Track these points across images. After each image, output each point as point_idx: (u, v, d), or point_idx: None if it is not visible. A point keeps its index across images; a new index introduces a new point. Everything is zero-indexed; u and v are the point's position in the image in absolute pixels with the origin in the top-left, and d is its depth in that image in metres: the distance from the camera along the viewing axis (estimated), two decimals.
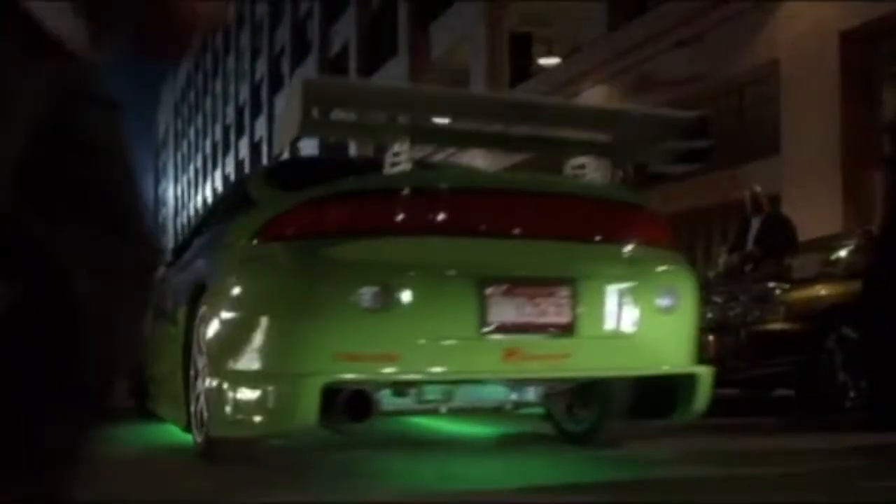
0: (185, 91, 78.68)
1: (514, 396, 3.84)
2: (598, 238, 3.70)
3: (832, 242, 7.31)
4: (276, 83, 45.69)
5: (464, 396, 3.68)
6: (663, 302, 3.66)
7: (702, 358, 4.02)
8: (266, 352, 3.34)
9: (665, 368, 3.70)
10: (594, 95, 17.29)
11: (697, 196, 15.19)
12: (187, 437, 4.00)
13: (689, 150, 4.13)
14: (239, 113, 54.60)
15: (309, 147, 34.87)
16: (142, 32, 1.27)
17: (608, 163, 3.92)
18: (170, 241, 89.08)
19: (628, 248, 3.73)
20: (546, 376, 3.63)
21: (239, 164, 54.38)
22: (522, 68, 21.91)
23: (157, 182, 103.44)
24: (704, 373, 3.72)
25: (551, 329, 3.45)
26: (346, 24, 34.41)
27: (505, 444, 4.64)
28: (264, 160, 47.44)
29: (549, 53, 21.23)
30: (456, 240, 3.46)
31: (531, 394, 3.94)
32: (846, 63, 12.15)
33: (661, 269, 3.75)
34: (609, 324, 3.56)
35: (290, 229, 3.44)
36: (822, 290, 6.00)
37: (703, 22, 14.24)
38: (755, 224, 8.90)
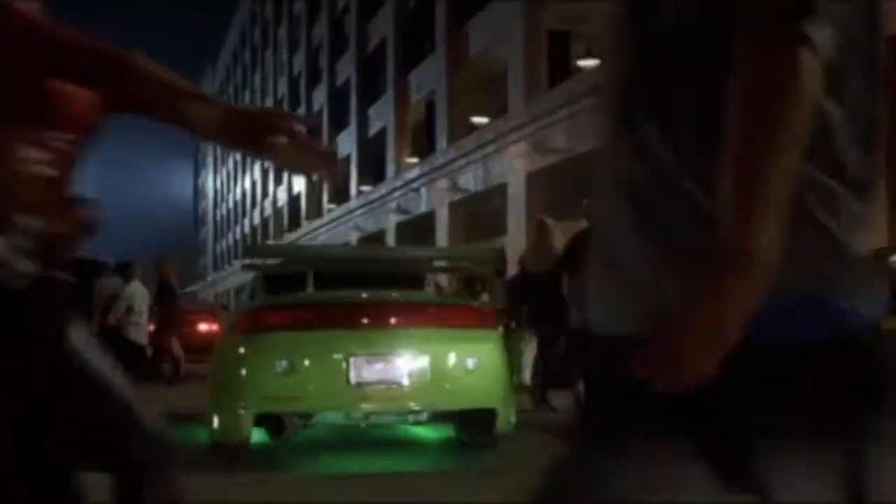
0: (224, 84, 79.24)
1: (372, 419, 6.26)
2: (429, 326, 6.15)
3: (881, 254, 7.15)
4: (313, 77, 45.90)
5: (338, 419, 6.22)
6: (471, 364, 6.05)
7: None
8: (228, 394, 6.05)
9: (472, 405, 6.12)
10: None
11: None
12: None
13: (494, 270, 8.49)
14: (278, 106, 54.95)
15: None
16: None
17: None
18: (209, 233, 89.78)
19: (451, 331, 6.17)
20: (392, 410, 6.09)
21: None
22: (562, 66, 21.82)
23: (196, 174, 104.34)
24: (500, 406, 6.10)
25: (393, 383, 5.88)
26: (384, 21, 34.42)
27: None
28: None
29: (588, 52, 21.12)
30: (334, 331, 5.99)
31: (386, 418, 6.34)
32: (893, 69, 11.93)
33: (470, 343, 6.15)
34: (434, 378, 5.96)
35: (244, 327, 6.19)
36: None
37: None
38: None
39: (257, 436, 6.11)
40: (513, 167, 22.29)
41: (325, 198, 42.15)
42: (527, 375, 12.35)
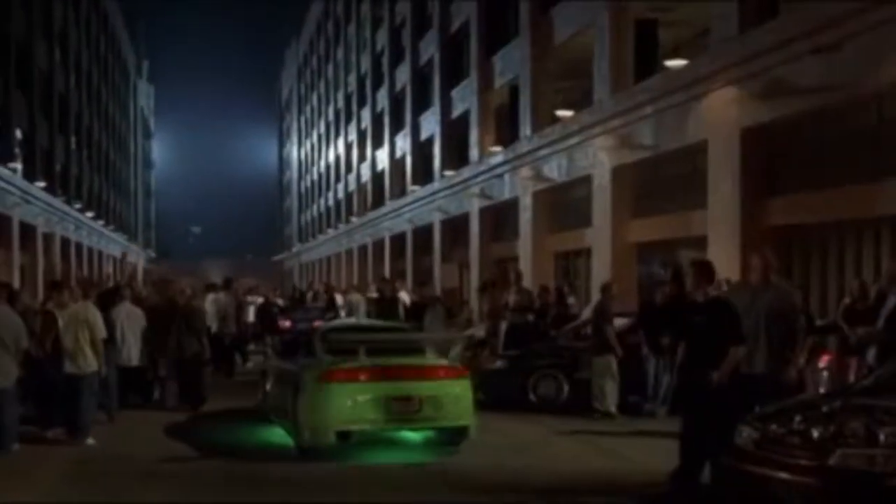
0: (307, 56, 79.80)
1: (399, 432, 10.49)
2: (430, 378, 9.98)
3: None
4: (396, 55, 45.88)
5: (380, 431, 10.09)
6: (454, 398, 9.87)
7: None
8: (319, 416, 9.72)
9: (455, 423, 9.93)
10: (722, 98, 16.82)
11: (830, 209, 14.71)
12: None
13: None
14: (360, 82, 55.09)
15: None
16: None
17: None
18: (293, 203, 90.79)
19: (441, 381, 9.97)
20: (411, 426, 10.15)
21: (361, 134, 55.07)
22: (649, 55, 21.41)
23: (281, 144, 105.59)
24: (470, 423, 9.98)
25: (412, 410, 9.74)
26: (467, 1, 34.18)
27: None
28: (386, 132, 47.87)
29: (675, 50, 20.70)
30: (378, 382, 9.75)
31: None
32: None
33: (452, 388, 9.95)
34: (432, 408, 9.76)
35: (328, 378, 9.82)
36: None
37: (840, 30, 13.61)
38: (893, 299, 8.12)
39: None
40: (599, 160, 22.09)
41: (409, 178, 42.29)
42: (610, 402, 12.40)
